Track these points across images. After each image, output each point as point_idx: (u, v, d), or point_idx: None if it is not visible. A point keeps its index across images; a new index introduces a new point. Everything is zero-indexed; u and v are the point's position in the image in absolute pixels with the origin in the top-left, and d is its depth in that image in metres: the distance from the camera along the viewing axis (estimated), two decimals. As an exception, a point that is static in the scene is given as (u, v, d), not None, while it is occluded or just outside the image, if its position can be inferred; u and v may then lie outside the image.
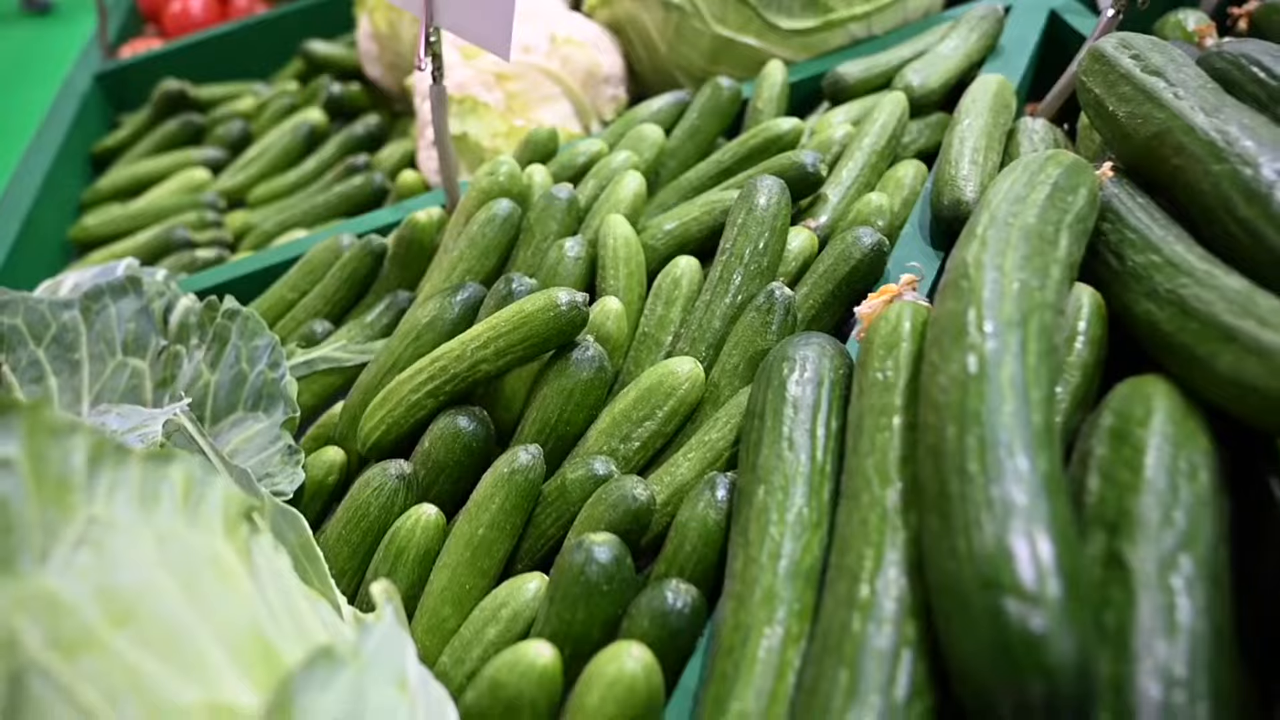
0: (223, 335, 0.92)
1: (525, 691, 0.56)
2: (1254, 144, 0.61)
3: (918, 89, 1.05)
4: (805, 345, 0.66)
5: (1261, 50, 0.73)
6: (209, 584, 0.44)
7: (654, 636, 0.58)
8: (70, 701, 0.34)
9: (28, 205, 1.41)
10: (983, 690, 0.42)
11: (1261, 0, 1.09)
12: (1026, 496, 0.45)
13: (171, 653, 0.39)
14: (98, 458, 0.43)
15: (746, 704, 0.49)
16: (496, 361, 0.77)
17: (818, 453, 0.60)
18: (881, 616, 0.48)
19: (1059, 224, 0.61)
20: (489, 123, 1.21)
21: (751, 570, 0.55)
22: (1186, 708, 0.43)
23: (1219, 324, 0.54)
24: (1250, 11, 1.10)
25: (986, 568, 0.43)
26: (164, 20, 2.01)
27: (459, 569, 0.69)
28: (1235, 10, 1.12)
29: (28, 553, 0.38)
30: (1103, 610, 0.47)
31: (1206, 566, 0.47)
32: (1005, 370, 0.50)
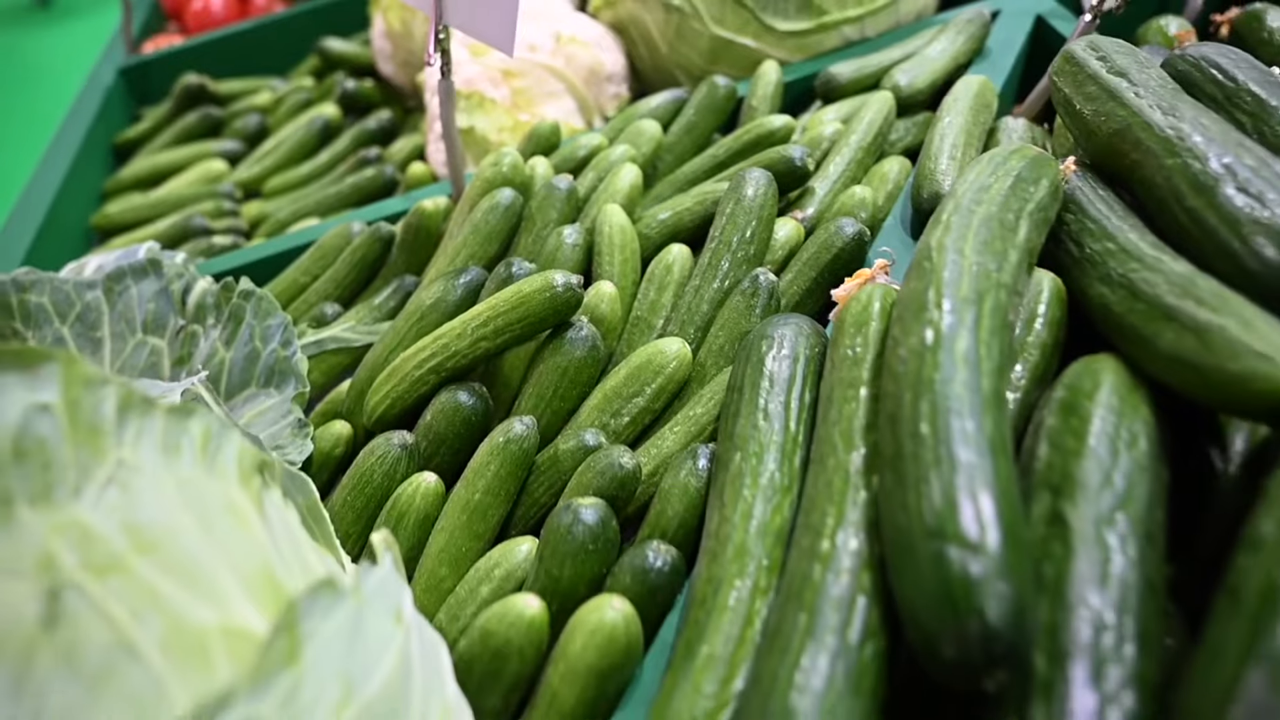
0: (238, 315, 0.97)
1: (513, 640, 0.60)
2: (1203, 139, 0.65)
3: (905, 89, 1.09)
4: (783, 325, 0.71)
5: (1219, 53, 0.77)
6: (224, 526, 0.48)
7: (635, 592, 0.62)
8: (101, 615, 0.39)
9: (53, 193, 1.47)
10: (927, 632, 0.46)
11: (1242, 8, 1.12)
12: (973, 456, 0.49)
13: (191, 580, 0.43)
14: (126, 408, 0.48)
15: (715, 648, 0.54)
16: (495, 340, 0.81)
17: (791, 423, 0.64)
18: (840, 567, 0.52)
19: (1020, 212, 0.65)
20: (495, 117, 1.25)
21: (725, 529, 0.60)
22: (1113, 649, 0.46)
23: (1162, 304, 0.58)
24: (1231, 19, 1.14)
25: (933, 519, 0.47)
26: (185, 17, 2.07)
27: (456, 532, 0.73)
28: (1217, 17, 1.16)
29: (63, 487, 0.43)
30: (1043, 563, 0.51)
31: (1141, 525, 0.51)
32: (960, 343, 0.54)
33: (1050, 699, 0.45)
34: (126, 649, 0.38)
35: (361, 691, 0.41)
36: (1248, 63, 0.76)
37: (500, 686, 0.61)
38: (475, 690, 0.61)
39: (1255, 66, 0.75)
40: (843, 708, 0.46)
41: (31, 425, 0.43)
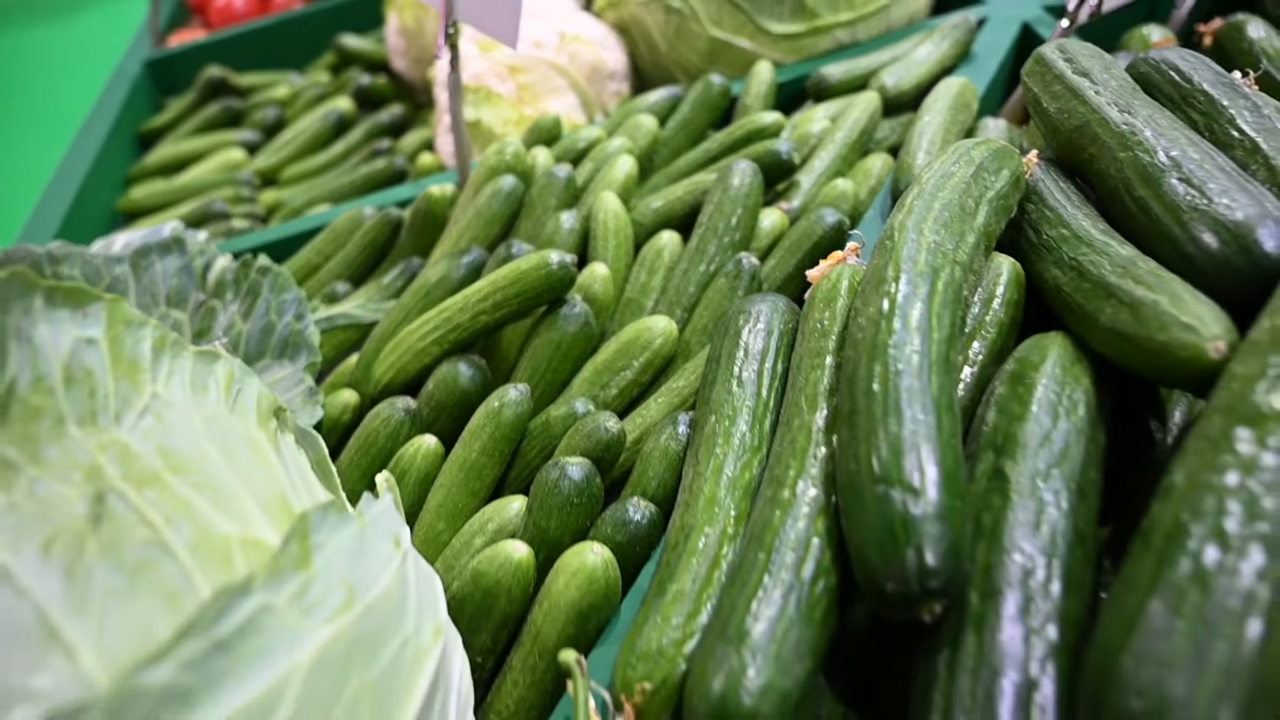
0: (255, 289, 1.03)
1: (502, 580, 0.66)
2: (1153, 134, 0.70)
3: (891, 89, 1.14)
4: (760, 302, 0.76)
5: (1178, 56, 0.82)
6: (244, 456, 0.54)
7: (615, 541, 0.68)
8: (140, 518, 0.44)
9: (81, 177, 1.53)
10: (870, 566, 0.51)
11: (1224, 19, 1.17)
12: (918, 412, 0.54)
13: (216, 498, 0.49)
14: (160, 348, 0.53)
15: (683, 586, 0.59)
16: (494, 314, 0.87)
17: (762, 390, 0.70)
18: (798, 513, 0.57)
19: (980, 198, 0.70)
20: (501, 111, 1.31)
21: (697, 483, 0.65)
22: (1041, 588, 0.52)
23: (1105, 283, 0.63)
24: (1214, 29, 1.19)
25: (880, 467, 0.52)
26: (209, 13, 2.14)
27: (453, 489, 0.79)
28: (1201, 28, 1.21)
29: (106, 414, 0.49)
30: (983, 513, 0.56)
31: (1074, 481, 0.56)
32: (913, 312, 0.59)
33: (981, 630, 0.50)
34: (161, 547, 0.44)
35: (363, 598, 0.47)
36: (1204, 65, 0.81)
37: (490, 624, 0.66)
38: (467, 627, 0.66)
39: (1211, 69, 0.80)
40: (793, 634, 0.51)
41: (79, 356, 0.48)
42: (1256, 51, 1.10)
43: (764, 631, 0.51)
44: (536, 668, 0.63)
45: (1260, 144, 0.71)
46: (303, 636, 0.42)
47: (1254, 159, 0.71)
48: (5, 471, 0.43)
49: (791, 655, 0.50)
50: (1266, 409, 0.47)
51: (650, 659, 0.55)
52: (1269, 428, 0.47)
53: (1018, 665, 0.48)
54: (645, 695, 0.53)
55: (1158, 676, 0.41)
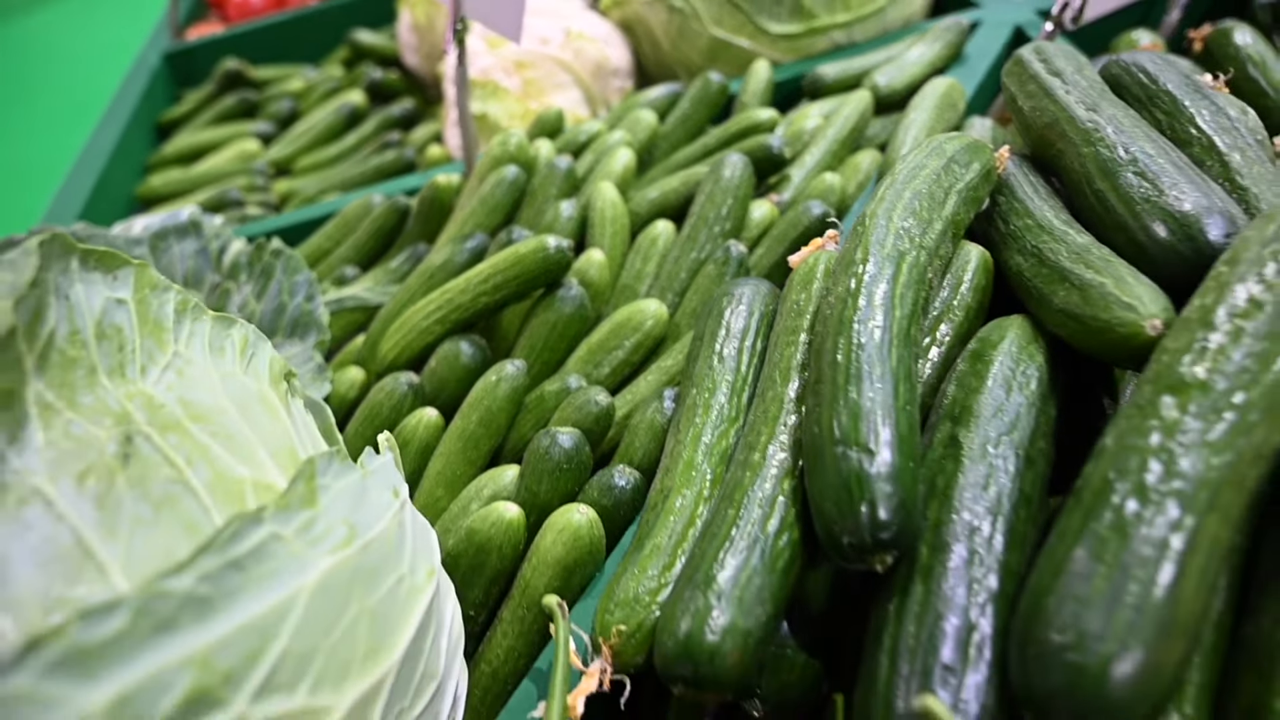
0: (268, 271, 1.08)
1: (494, 538, 0.70)
2: (1115, 131, 0.75)
3: (883, 89, 1.19)
4: (744, 285, 0.81)
5: (1147, 59, 0.86)
6: (258, 412, 0.59)
7: (601, 505, 0.73)
8: (164, 458, 0.49)
9: (102, 165, 1.59)
10: (828, 519, 0.55)
11: (1213, 26, 1.21)
12: (877, 382, 0.59)
13: (231, 445, 0.54)
14: (182, 311, 0.58)
15: (660, 541, 0.63)
16: (494, 295, 0.92)
17: (742, 365, 0.74)
18: (767, 475, 0.62)
19: (949, 189, 0.75)
20: (507, 105, 1.36)
21: (677, 449, 0.70)
22: (985, 542, 0.56)
23: (1060, 268, 0.67)
24: (1204, 35, 1.23)
25: (839, 431, 0.57)
26: (227, 7, 2.19)
27: (451, 458, 0.83)
28: (1192, 33, 1.25)
29: (134, 366, 0.54)
30: (937, 476, 0.60)
31: (1022, 449, 0.61)
32: (877, 291, 0.64)
33: (928, 579, 0.55)
34: (182, 485, 0.49)
35: (363, 535, 0.51)
36: (1171, 68, 0.85)
37: (482, 579, 0.71)
38: (461, 582, 0.71)
39: (1177, 71, 0.84)
40: (756, 581, 0.56)
41: (110, 314, 0.53)
42: (1242, 57, 1.14)
43: (729, 578, 0.56)
44: (525, 619, 0.68)
45: (1216, 141, 0.75)
46: (307, 564, 0.47)
47: (1210, 155, 0.75)
48: (45, 412, 0.48)
49: (754, 600, 0.55)
50: (1190, 379, 0.52)
51: (627, 606, 0.60)
52: (1191, 395, 0.51)
53: (959, 610, 0.52)
54: (621, 637, 0.58)
55: (1076, 614, 0.46)
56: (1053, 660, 0.45)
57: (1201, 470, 0.48)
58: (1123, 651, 0.44)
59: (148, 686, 0.37)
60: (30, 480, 0.45)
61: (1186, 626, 0.46)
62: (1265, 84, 1.11)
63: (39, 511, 0.45)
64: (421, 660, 0.54)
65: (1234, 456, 0.49)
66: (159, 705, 0.37)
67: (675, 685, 0.54)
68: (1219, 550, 0.48)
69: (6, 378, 0.47)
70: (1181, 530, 0.47)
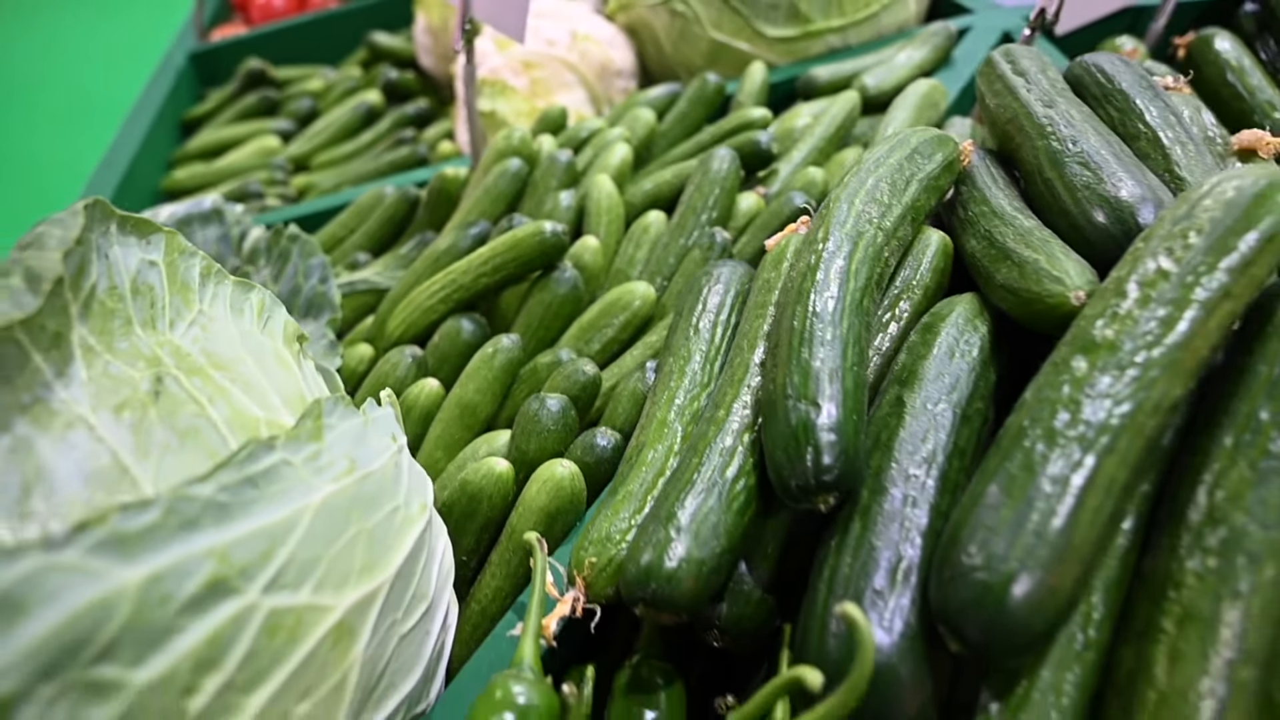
0: (285, 255, 1.15)
1: (485, 488, 0.77)
2: (1067, 126, 0.81)
3: (871, 89, 1.25)
4: (722, 266, 0.87)
5: (1106, 60, 0.92)
6: (272, 365, 0.66)
7: (584, 461, 0.79)
8: (189, 396, 0.56)
9: (128, 159, 1.67)
10: (778, 464, 0.62)
11: (1196, 33, 1.27)
12: (828, 344, 0.65)
13: (248, 389, 0.61)
14: (207, 274, 0.65)
15: (632, 488, 0.70)
16: (494, 276, 0.98)
17: (715, 337, 0.81)
18: (729, 429, 0.68)
19: (911, 177, 0.81)
20: (515, 103, 1.43)
21: (653, 411, 0.76)
22: (919, 486, 0.62)
23: (1005, 248, 0.74)
24: (1187, 42, 1.29)
25: (792, 387, 0.63)
26: (250, 9, 2.28)
27: (450, 423, 0.90)
28: (1177, 40, 1.31)
29: (164, 320, 0.61)
30: (882, 431, 0.66)
31: (959, 408, 0.67)
32: (835, 265, 0.70)
33: (866, 518, 0.61)
34: (205, 419, 0.56)
35: (362, 469, 0.58)
36: (1126, 68, 0.91)
37: (474, 526, 0.78)
38: (455, 529, 0.78)
39: (1132, 72, 0.90)
40: (712, 519, 0.62)
41: (143, 274, 0.61)
42: (1221, 63, 1.20)
43: (688, 515, 0.62)
44: (511, 561, 0.75)
45: (1160, 136, 0.81)
46: (312, 488, 0.53)
47: (1154, 148, 0.81)
48: (87, 354, 0.55)
49: (709, 534, 0.61)
50: (1100, 340, 0.58)
51: (600, 543, 0.66)
52: (1099, 354, 0.57)
53: (891, 544, 0.59)
54: (593, 569, 0.65)
55: (985, 540, 0.52)
56: (963, 579, 0.52)
57: (1103, 418, 0.55)
58: (1022, 571, 0.50)
59: (175, 570, 0.44)
60: (75, 409, 0.53)
61: (1081, 553, 0.52)
62: (1241, 88, 1.17)
63: (82, 435, 0.52)
64: (413, 581, 0.61)
65: (1133, 407, 0.55)
66: (184, 586, 0.44)
67: (637, 606, 0.60)
68: (1115, 489, 0.54)
69: (55, 322, 0.54)
70: (1081, 469, 0.53)
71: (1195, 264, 0.59)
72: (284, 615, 0.49)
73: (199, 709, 0.45)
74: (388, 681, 0.59)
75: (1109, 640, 0.56)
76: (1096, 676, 0.56)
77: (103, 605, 0.42)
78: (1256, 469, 0.54)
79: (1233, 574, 0.52)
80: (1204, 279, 0.58)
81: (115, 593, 0.42)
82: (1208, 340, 0.58)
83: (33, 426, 0.51)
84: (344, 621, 0.53)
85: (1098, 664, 0.56)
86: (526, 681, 0.57)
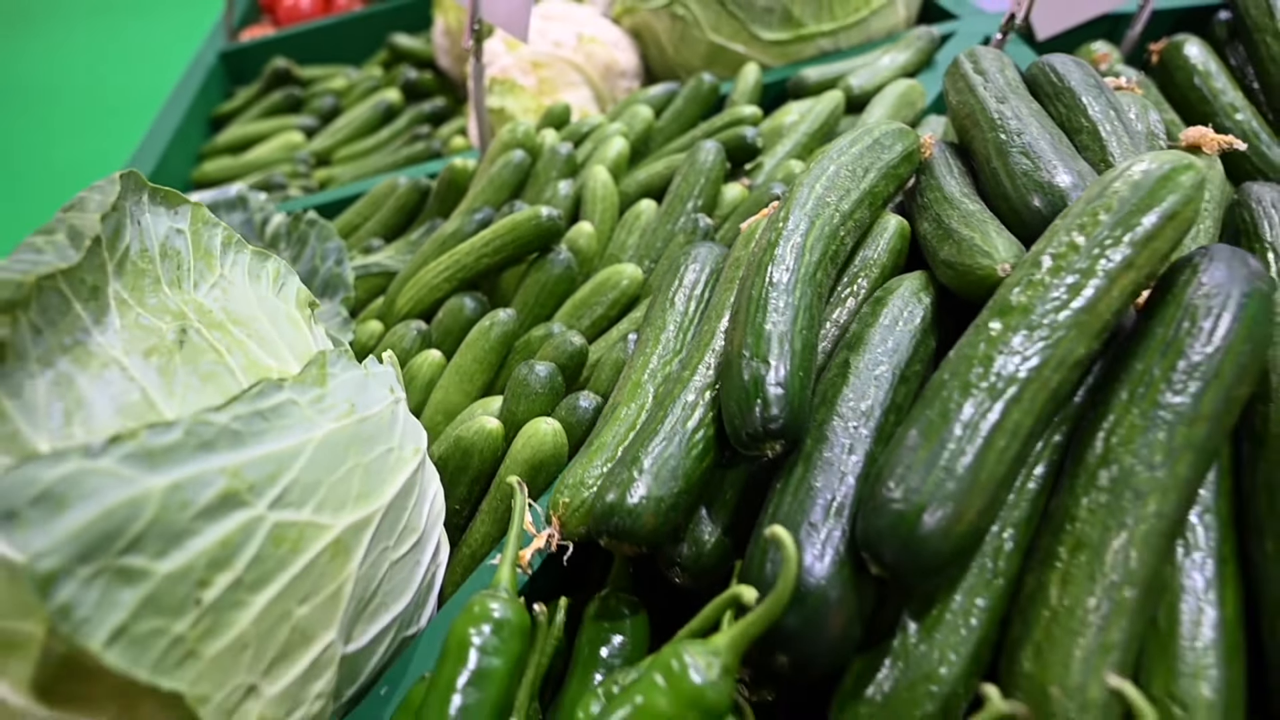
0: (304, 238, 1.24)
1: (477, 443, 0.85)
2: (1015, 120, 0.88)
3: (856, 90, 1.32)
4: (700, 247, 0.95)
5: (1059, 61, 0.99)
6: (285, 326, 0.74)
7: (568, 421, 0.87)
8: (209, 345, 0.64)
9: (160, 152, 1.77)
10: (732, 415, 0.69)
11: (1168, 40, 1.33)
12: (782, 311, 0.72)
13: (262, 343, 0.69)
14: (228, 243, 0.74)
15: (605, 440, 0.78)
16: (494, 257, 1.06)
17: (689, 309, 0.88)
18: (692, 386, 0.76)
19: (870, 166, 0.88)
20: (523, 101, 1.52)
21: (629, 374, 0.84)
22: (857, 431, 0.69)
23: (949, 228, 0.81)
24: (1160, 48, 1.35)
25: (746, 347, 0.71)
26: (278, 12, 2.38)
27: (450, 389, 0.98)
28: (1152, 46, 1.37)
29: (188, 281, 0.69)
30: (829, 390, 0.74)
31: (899, 370, 0.74)
32: (791, 242, 0.78)
33: (808, 463, 0.68)
34: (223, 366, 0.64)
35: (361, 413, 0.66)
36: (1078, 69, 0.97)
37: (466, 478, 0.85)
38: (449, 480, 0.86)
39: (1081, 71, 0.97)
40: (672, 463, 0.70)
41: (171, 240, 0.69)
42: (1189, 67, 1.26)
43: (651, 460, 0.69)
44: (498, 509, 0.82)
45: (1099, 129, 0.88)
46: (315, 425, 0.61)
47: (1094, 140, 0.88)
48: (121, 306, 0.64)
49: (669, 476, 0.69)
50: (1015, 303, 0.65)
51: (574, 487, 0.74)
52: (1013, 316, 0.64)
53: (828, 485, 0.66)
54: (567, 509, 0.72)
55: (903, 475, 0.59)
56: (882, 510, 0.59)
57: (1011, 371, 0.62)
58: (932, 502, 0.57)
59: (193, 481, 0.52)
60: (110, 352, 0.61)
61: (986, 488, 0.59)
62: (1206, 91, 1.23)
63: (116, 374, 0.60)
64: (405, 514, 0.69)
65: (1040, 362, 0.62)
66: (201, 495, 0.52)
67: (603, 538, 0.68)
68: (1021, 433, 0.61)
69: (94, 276, 0.62)
70: (989, 416, 0.60)
71: (1102, 238, 0.66)
72: (287, 528, 0.57)
73: (212, 600, 0.53)
74: (380, 600, 0.67)
75: (1017, 570, 0.63)
76: (1005, 602, 0.62)
77: (131, 505, 0.50)
78: (1147, 417, 0.61)
79: (1120, 508, 0.59)
80: (1109, 251, 0.65)
81: (143, 495, 0.50)
82: (1110, 306, 0.65)
83: (73, 365, 0.59)
84: (340, 539, 0.61)
85: (1006, 591, 0.63)
86: (501, 600, 0.64)
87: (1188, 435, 0.61)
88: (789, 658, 0.61)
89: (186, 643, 0.51)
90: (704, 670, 0.56)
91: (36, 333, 0.58)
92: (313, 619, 0.59)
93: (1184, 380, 0.62)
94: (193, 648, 0.52)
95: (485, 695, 0.60)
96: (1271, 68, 1.20)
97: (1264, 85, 1.21)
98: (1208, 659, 0.57)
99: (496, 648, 0.62)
